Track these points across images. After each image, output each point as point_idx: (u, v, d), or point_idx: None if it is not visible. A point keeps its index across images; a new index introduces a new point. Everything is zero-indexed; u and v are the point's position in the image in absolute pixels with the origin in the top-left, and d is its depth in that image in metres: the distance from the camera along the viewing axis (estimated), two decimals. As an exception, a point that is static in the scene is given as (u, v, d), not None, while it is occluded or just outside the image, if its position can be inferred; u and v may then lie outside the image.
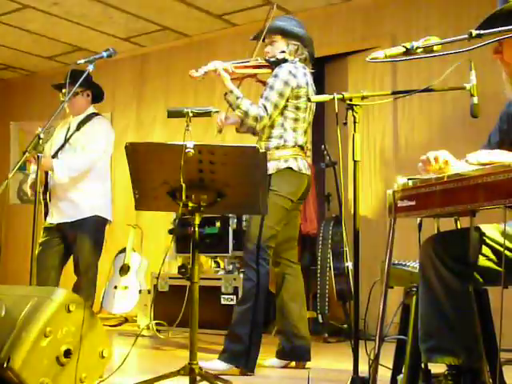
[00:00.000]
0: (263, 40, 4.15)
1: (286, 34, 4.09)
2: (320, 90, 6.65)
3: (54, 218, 4.73)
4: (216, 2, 6.17)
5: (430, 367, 2.53)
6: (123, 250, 6.89)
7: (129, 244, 6.86)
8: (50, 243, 4.73)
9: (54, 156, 4.78)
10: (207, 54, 3.92)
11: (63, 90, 4.81)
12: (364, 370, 2.60)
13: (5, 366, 2.46)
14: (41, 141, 3.61)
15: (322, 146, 5.41)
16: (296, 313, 4.08)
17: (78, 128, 4.82)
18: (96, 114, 4.94)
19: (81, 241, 4.70)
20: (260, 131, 3.95)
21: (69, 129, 4.86)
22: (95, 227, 4.78)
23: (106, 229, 4.94)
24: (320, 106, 6.36)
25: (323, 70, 6.52)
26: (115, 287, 6.68)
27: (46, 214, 4.74)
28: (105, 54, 3.83)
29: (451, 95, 5.35)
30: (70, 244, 4.76)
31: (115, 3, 6.20)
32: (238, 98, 3.83)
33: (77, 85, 4.15)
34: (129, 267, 6.76)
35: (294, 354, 4.06)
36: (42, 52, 7.62)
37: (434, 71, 5.23)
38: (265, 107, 3.84)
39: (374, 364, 2.48)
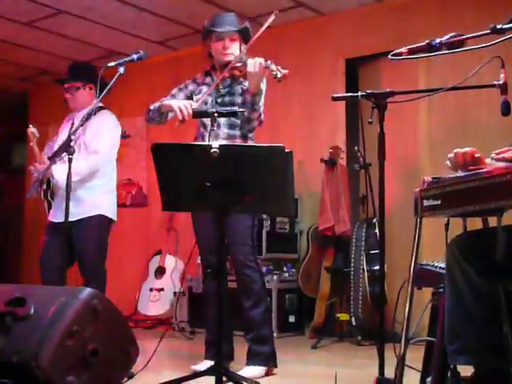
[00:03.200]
0: (207, 32, 3.96)
1: (246, 37, 3.96)
2: (354, 91, 6.61)
3: (56, 217, 4.50)
4: (249, 4, 6.17)
5: (459, 369, 2.49)
6: (158, 253, 6.93)
7: (164, 246, 6.89)
8: (53, 243, 4.46)
9: (56, 154, 4.43)
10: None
11: (65, 86, 4.72)
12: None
13: (32, 364, 2.49)
14: (72, 142, 3.64)
15: (356, 148, 5.38)
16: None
17: (82, 123, 4.47)
18: (101, 108, 4.74)
19: (84, 241, 4.46)
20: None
21: (72, 124, 4.68)
22: (99, 226, 4.53)
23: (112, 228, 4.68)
24: (355, 106, 6.35)
25: (357, 71, 6.49)
26: (150, 289, 6.73)
27: (49, 212, 4.59)
28: (135, 56, 3.78)
29: (486, 95, 5.27)
30: (72, 244, 4.46)
31: (148, 7, 6.24)
32: (262, 98, 3.76)
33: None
34: (164, 269, 6.80)
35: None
36: (79, 56, 7.67)
37: (470, 70, 5.15)
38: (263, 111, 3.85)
39: (400, 365, 2.45)
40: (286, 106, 6.68)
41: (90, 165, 4.43)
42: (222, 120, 3.79)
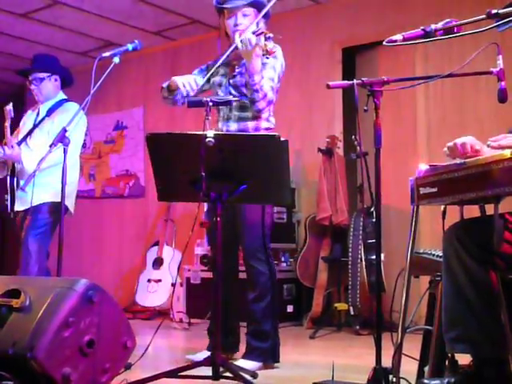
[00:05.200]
0: (220, 9, 3.85)
1: (260, 10, 3.70)
2: (351, 80, 6.58)
3: (21, 205, 4.47)
4: (245, -6, 6.14)
5: (456, 357, 2.48)
6: (156, 244, 6.92)
7: (162, 237, 6.88)
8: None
9: (22, 141, 4.55)
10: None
11: (29, 78, 4.67)
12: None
13: (28, 356, 2.48)
14: (67, 133, 3.61)
15: (353, 137, 5.35)
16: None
17: (49, 114, 4.59)
18: (66, 100, 4.70)
19: (30, 227, 4.41)
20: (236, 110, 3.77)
21: (38, 114, 4.66)
22: (50, 213, 4.45)
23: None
24: (352, 95, 6.32)
25: (354, 59, 6.46)
26: (148, 280, 6.72)
27: (12, 203, 4.47)
28: (130, 46, 3.74)
29: (484, 82, 5.25)
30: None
31: (144, -3, 6.23)
32: (262, 78, 3.58)
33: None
34: (162, 260, 6.79)
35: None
36: (75, 48, 7.68)
37: (467, 56, 5.11)
38: (272, 90, 3.64)
39: (397, 354, 2.44)
40: (283, 95, 6.62)
41: (60, 155, 4.02)
42: (234, 103, 3.65)
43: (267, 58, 3.62)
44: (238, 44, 3.45)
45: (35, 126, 4.62)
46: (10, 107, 4.40)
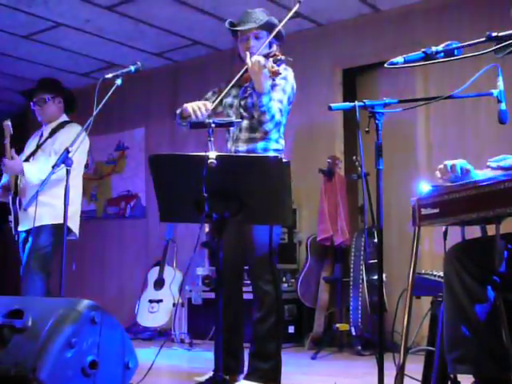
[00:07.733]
0: (234, 31, 3.78)
1: (274, 33, 3.69)
2: (352, 101, 6.60)
3: (22, 226, 4.52)
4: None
5: (459, 378, 2.48)
6: (157, 264, 6.91)
7: (163, 257, 6.87)
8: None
9: (25, 162, 4.57)
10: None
11: (34, 99, 4.75)
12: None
13: (31, 377, 2.48)
14: (69, 154, 3.62)
15: (354, 157, 5.37)
16: None
17: (51, 135, 4.64)
18: (68, 122, 4.75)
19: (32, 248, 4.43)
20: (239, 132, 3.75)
21: (41, 136, 4.71)
22: (52, 235, 4.47)
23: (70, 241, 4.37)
24: (352, 116, 6.34)
25: (354, 81, 6.50)
26: (149, 301, 6.70)
27: (16, 223, 4.51)
28: (132, 68, 3.76)
29: (485, 102, 5.27)
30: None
31: (146, 19, 6.26)
32: (270, 100, 3.57)
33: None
34: (163, 281, 6.78)
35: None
36: (77, 69, 7.72)
37: (467, 77, 5.15)
38: (280, 112, 3.65)
39: (400, 375, 2.44)
40: (284, 116, 6.68)
41: (62, 173, 3.91)
42: (244, 123, 3.68)
43: (273, 79, 3.62)
44: (249, 64, 3.44)
45: (38, 147, 4.66)
46: (8, 122, 4.43)
